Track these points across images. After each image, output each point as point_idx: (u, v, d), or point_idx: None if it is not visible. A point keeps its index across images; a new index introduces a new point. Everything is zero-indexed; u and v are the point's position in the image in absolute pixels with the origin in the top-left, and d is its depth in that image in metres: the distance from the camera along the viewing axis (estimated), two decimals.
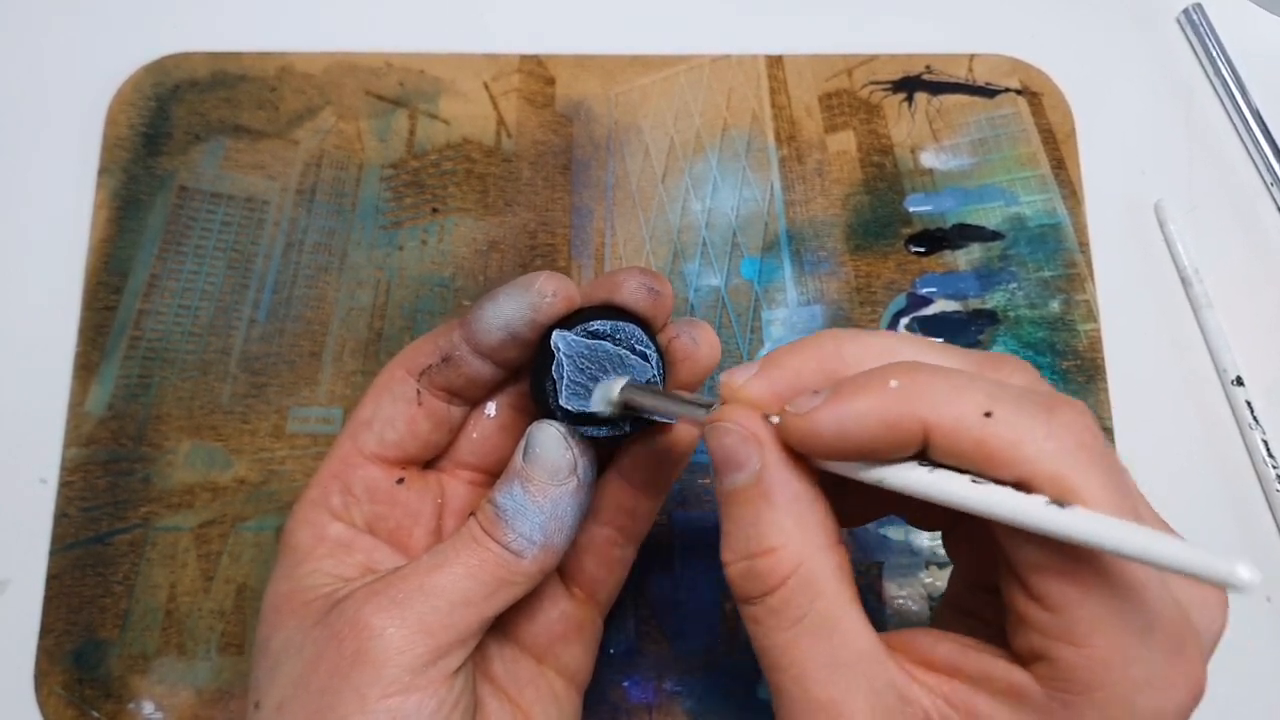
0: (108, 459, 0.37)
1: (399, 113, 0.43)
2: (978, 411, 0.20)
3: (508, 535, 0.26)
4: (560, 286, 0.27)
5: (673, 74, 0.44)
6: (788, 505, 0.22)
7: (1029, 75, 0.44)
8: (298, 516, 0.28)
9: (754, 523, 0.22)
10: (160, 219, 0.41)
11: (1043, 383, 0.23)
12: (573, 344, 0.27)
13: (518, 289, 0.27)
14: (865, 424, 0.20)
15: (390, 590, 0.25)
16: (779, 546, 0.22)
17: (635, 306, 0.28)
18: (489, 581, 0.25)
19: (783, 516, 0.22)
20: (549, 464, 0.26)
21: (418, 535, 0.29)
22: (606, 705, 0.35)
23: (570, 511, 0.26)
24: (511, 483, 0.26)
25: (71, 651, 0.35)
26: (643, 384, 0.27)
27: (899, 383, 0.20)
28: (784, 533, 0.22)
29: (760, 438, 0.22)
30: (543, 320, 0.27)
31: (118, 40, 0.43)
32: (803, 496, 0.22)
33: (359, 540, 0.28)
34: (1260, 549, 0.38)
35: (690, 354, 0.29)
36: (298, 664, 0.25)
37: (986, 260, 0.41)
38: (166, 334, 0.39)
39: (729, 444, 0.22)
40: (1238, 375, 0.39)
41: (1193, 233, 0.42)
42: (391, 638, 0.24)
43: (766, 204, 0.42)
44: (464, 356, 0.28)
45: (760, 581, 0.22)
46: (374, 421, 0.29)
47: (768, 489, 0.22)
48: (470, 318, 0.28)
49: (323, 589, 0.26)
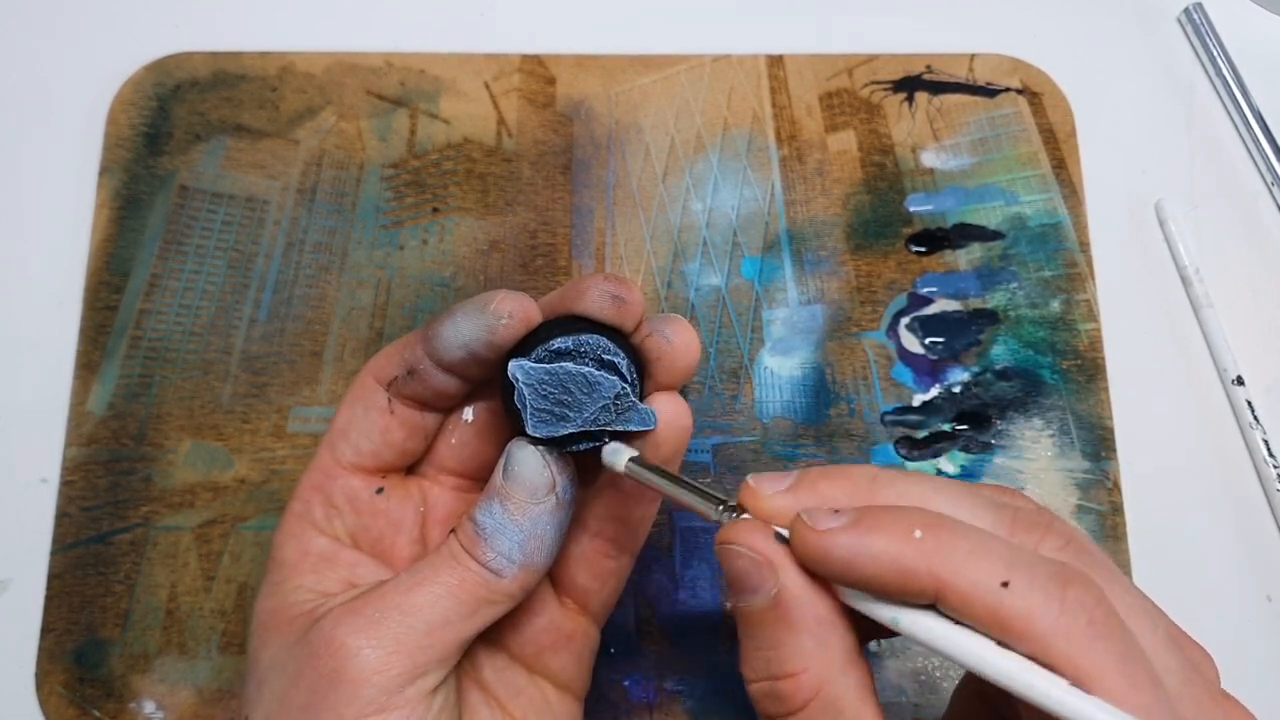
0: (109, 458, 0.37)
1: (400, 112, 0.43)
2: (995, 579, 0.19)
3: (487, 554, 0.25)
4: (517, 307, 0.26)
5: (673, 73, 0.44)
6: (808, 629, 0.21)
7: (1029, 75, 0.44)
8: (283, 530, 0.28)
9: (773, 645, 0.21)
10: (161, 219, 0.41)
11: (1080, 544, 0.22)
12: (531, 373, 0.26)
13: (474, 309, 0.26)
14: (879, 563, 0.20)
15: (367, 609, 0.25)
16: (801, 671, 0.21)
17: (599, 316, 0.26)
18: (468, 601, 0.25)
19: (804, 640, 0.21)
20: (527, 483, 0.26)
21: (401, 545, 0.29)
22: (607, 705, 0.35)
23: (550, 530, 0.26)
24: (491, 501, 0.26)
25: (73, 651, 0.35)
26: (652, 465, 0.26)
27: (922, 535, 0.20)
28: (805, 656, 0.21)
29: (775, 561, 0.21)
30: (499, 342, 0.26)
31: (119, 40, 0.43)
32: (824, 618, 0.21)
33: (342, 554, 0.28)
34: (1260, 548, 0.38)
35: (664, 353, 0.27)
36: (281, 680, 0.25)
37: (987, 260, 0.41)
38: (167, 333, 0.39)
39: (741, 567, 0.22)
40: (1238, 374, 0.39)
41: (1193, 232, 0.42)
42: (368, 658, 0.24)
43: (767, 203, 0.42)
44: (428, 370, 0.27)
45: (783, 704, 0.21)
46: (349, 431, 0.28)
47: (786, 613, 0.21)
48: (430, 334, 0.27)
49: (305, 605, 0.26)
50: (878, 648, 0.36)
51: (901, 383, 0.39)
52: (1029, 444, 0.39)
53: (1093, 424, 0.39)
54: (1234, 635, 0.37)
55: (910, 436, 0.39)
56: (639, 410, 0.27)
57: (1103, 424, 0.39)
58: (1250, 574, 0.38)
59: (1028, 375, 0.39)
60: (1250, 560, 0.38)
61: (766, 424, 0.39)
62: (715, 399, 0.39)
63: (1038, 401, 0.39)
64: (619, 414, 0.27)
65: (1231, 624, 0.37)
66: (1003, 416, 0.39)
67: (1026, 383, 0.39)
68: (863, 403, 0.39)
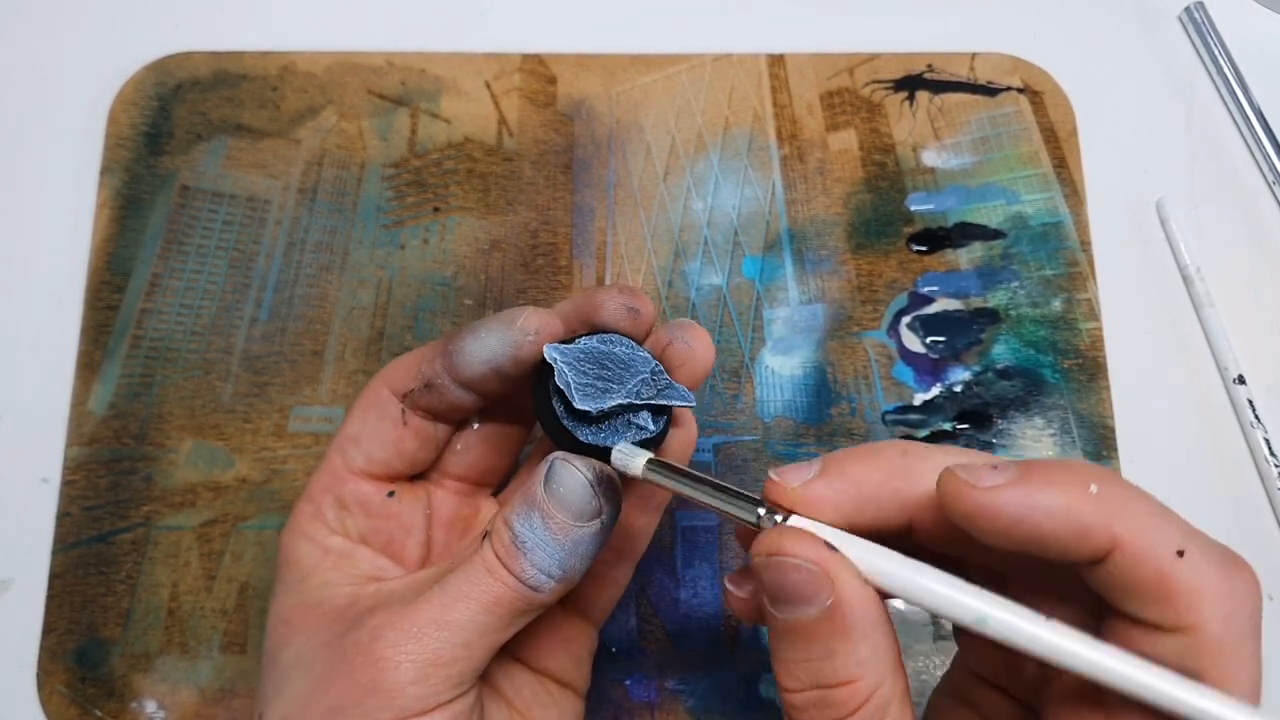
0: (110, 458, 0.37)
1: (401, 112, 0.43)
2: (1171, 546, 0.19)
3: (526, 570, 0.25)
4: (544, 324, 0.26)
5: (674, 73, 0.44)
6: (865, 636, 0.21)
7: (1030, 74, 0.44)
8: (295, 531, 0.28)
9: (827, 656, 0.21)
10: (162, 218, 0.41)
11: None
12: (567, 352, 0.26)
13: (500, 325, 0.26)
14: (1053, 518, 0.19)
15: (404, 623, 0.24)
16: (858, 678, 0.21)
17: (616, 328, 0.27)
18: (504, 615, 0.25)
19: (861, 648, 0.21)
20: (573, 507, 0.25)
21: (410, 547, 0.29)
22: (609, 704, 0.35)
23: (591, 549, 0.26)
24: (531, 514, 0.25)
25: (74, 650, 0.35)
26: (675, 466, 0.25)
27: (1099, 489, 0.19)
28: (862, 664, 0.21)
29: (833, 573, 0.21)
30: (525, 358, 0.26)
31: (119, 40, 0.43)
32: (879, 623, 0.21)
33: (358, 551, 0.28)
34: (1261, 547, 0.38)
35: (687, 359, 0.28)
36: (306, 681, 0.25)
37: (988, 259, 0.41)
38: (168, 333, 0.39)
39: (796, 580, 0.21)
40: (1239, 373, 0.39)
41: (1194, 231, 0.42)
42: (407, 672, 0.24)
43: (768, 203, 0.42)
44: (446, 385, 0.27)
45: (834, 711, 0.21)
46: (361, 439, 0.28)
47: (846, 623, 0.21)
48: (451, 349, 0.27)
49: (334, 600, 0.26)
50: None
51: (902, 382, 0.39)
52: (1030, 443, 0.39)
53: (1094, 423, 0.39)
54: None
55: (911, 436, 0.39)
56: (676, 387, 0.27)
57: (1104, 423, 0.39)
58: None
59: (1029, 374, 0.39)
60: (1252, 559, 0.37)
61: (768, 423, 0.39)
62: (716, 398, 0.39)
63: (1039, 401, 0.39)
64: (659, 390, 0.27)
65: None
66: (1004, 416, 0.39)
67: (1028, 382, 0.39)
68: (864, 402, 0.39)
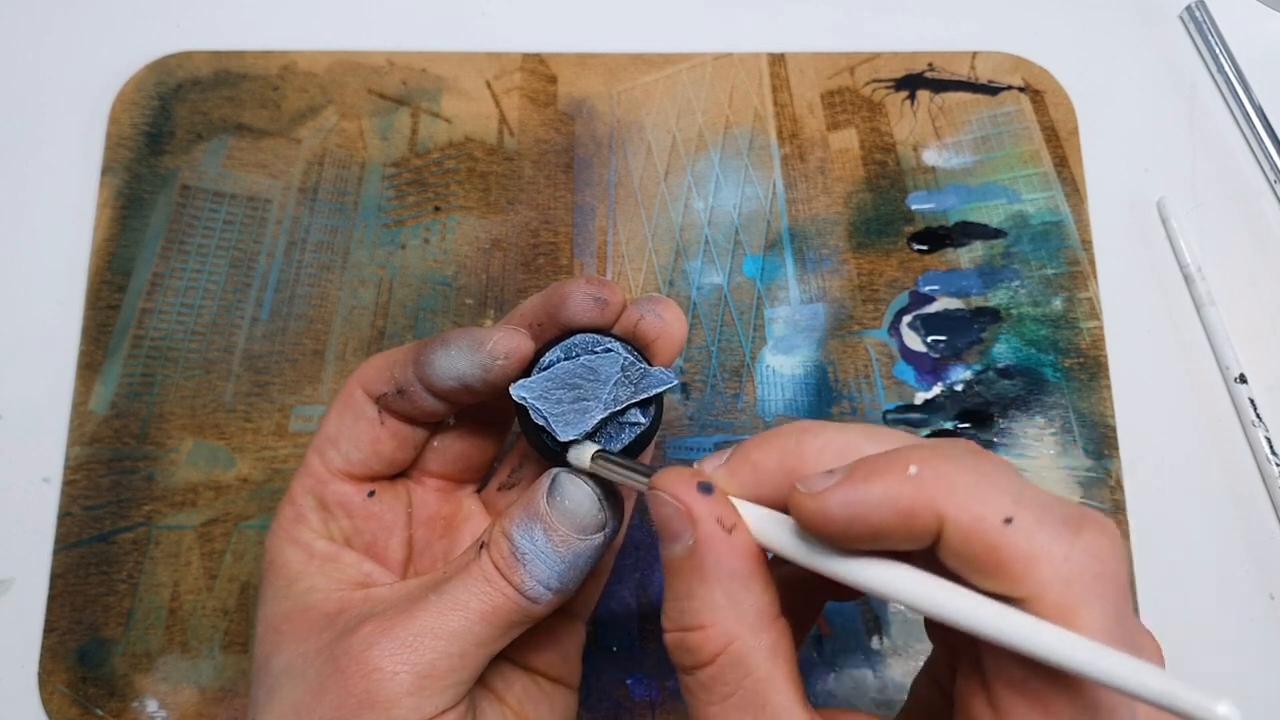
0: (111, 458, 0.37)
1: (401, 111, 0.43)
2: (999, 515, 0.18)
3: (525, 581, 0.25)
4: (514, 348, 0.26)
5: (675, 72, 0.44)
6: (720, 582, 0.21)
7: (1031, 73, 0.44)
8: (279, 534, 0.28)
9: (687, 596, 0.21)
10: (163, 218, 0.41)
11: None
12: (533, 386, 0.26)
13: (469, 346, 0.26)
14: (879, 512, 0.19)
15: (399, 631, 0.24)
16: (709, 625, 0.21)
17: (583, 321, 0.27)
18: (501, 625, 0.25)
19: (714, 593, 0.21)
20: (577, 519, 0.25)
21: (393, 547, 0.29)
22: (609, 703, 0.35)
23: (590, 562, 0.26)
24: (533, 525, 0.25)
25: (75, 650, 0.35)
26: (611, 453, 0.26)
27: (918, 469, 0.19)
28: (715, 610, 0.21)
29: (694, 512, 0.21)
30: (494, 381, 0.26)
31: (120, 39, 0.44)
32: (737, 573, 0.21)
33: (343, 555, 0.28)
34: (1262, 546, 0.38)
35: (662, 330, 0.27)
36: (299, 689, 0.25)
37: (989, 258, 0.41)
38: (169, 333, 0.39)
39: (665, 514, 0.22)
40: (1240, 372, 0.39)
41: (1195, 230, 0.42)
42: (403, 682, 0.24)
43: (769, 202, 0.42)
44: (418, 393, 0.27)
45: (691, 655, 0.21)
46: (339, 440, 0.28)
47: (700, 564, 0.21)
48: (422, 360, 0.27)
49: (323, 606, 0.26)
50: (880, 646, 0.36)
51: (903, 381, 0.39)
52: (1031, 442, 0.39)
53: (1095, 422, 0.39)
54: (1236, 633, 0.37)
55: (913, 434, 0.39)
56: (651, 373, 0.27)
57: (1105, 422, 0.39)
58: (1252, 572, 0.38)
59: (1030, 373, 0.39)
60: (1252, 558, 0.38)
61: (769, 422, 0.39)
62: (717, 397, 0.39)
63: (1040, 399, 0.39)
64: (635, 384, 0.27)
65: (1233, 622, 0.37)
66: (1005, 415, 0.39)
67: (1028, 381, 0.39)
68: (865, 401, 0.39)
